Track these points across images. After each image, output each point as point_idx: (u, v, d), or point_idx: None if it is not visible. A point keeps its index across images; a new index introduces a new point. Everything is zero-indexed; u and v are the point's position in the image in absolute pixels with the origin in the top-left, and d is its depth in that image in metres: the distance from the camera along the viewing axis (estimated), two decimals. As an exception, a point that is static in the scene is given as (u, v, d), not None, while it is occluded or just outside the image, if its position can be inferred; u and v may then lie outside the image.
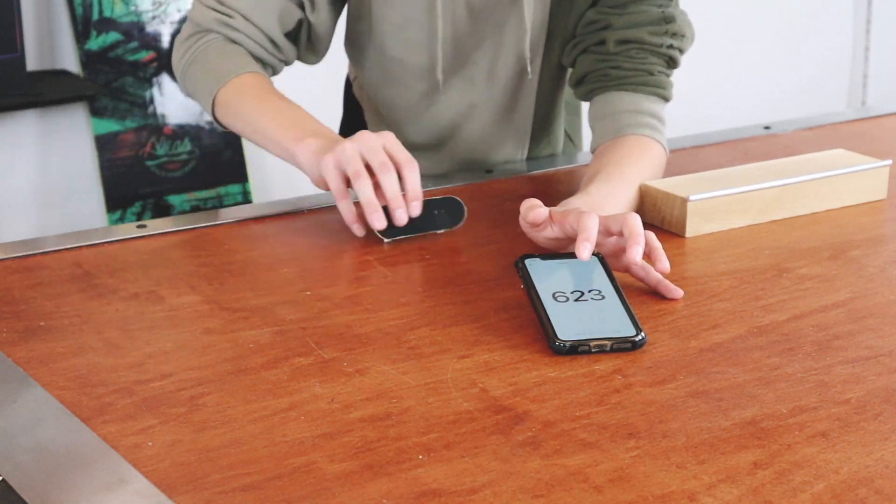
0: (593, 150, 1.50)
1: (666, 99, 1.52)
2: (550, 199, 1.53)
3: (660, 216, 1.41)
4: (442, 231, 1.34)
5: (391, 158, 1.32)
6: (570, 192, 1.54)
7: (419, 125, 1.63)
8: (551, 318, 1.12)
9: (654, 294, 1.23)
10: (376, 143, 1.32)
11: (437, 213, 1.35)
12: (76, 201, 2.89)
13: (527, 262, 1.20)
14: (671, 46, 1.52)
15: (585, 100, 1.56)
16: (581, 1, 1.51)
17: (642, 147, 1.46)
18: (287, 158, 1.41)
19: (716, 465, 0.92)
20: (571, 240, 1.24)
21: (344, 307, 1.20)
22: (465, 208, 1.36)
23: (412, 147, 1.59)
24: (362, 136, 1.33)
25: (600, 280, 1.18)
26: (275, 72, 1.57)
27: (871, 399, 1.02)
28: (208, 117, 2.87)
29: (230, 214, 1.47)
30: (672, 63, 1.53)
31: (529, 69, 1.53)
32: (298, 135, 1.38)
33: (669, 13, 1.52)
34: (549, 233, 1.25)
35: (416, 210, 1.32)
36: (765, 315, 1.19)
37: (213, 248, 1.36)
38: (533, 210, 1.25)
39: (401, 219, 1.31)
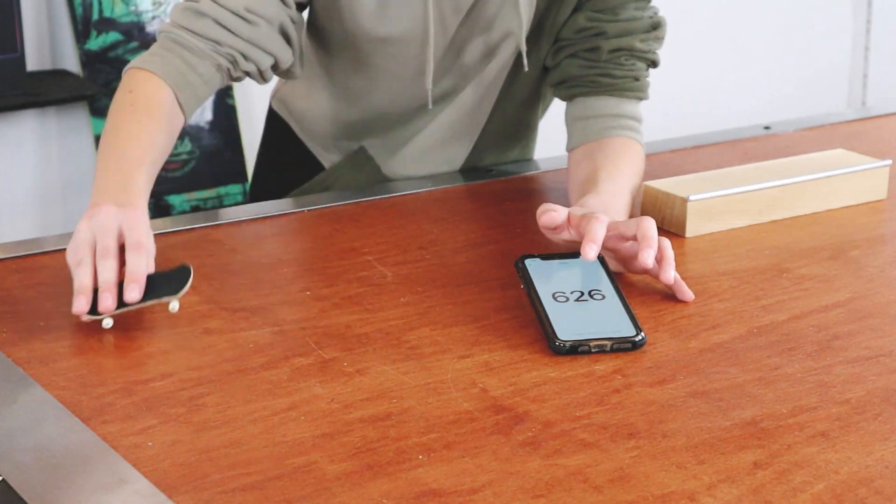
0: (570, 149, 1.52)
1: (644, 99, 1.55)
2: (551, 199, 1.53)
3: (660, 216, 1.41)
4: (164, 300, 1.16)
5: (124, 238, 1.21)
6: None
7: (395, 120, 1.62)
8: (551, 318, 1.12)
9: (655, 294, 1.23)
10: (110, 224, 1.21)
11: (159, 282, 1.19)
12: (76, 201, 2.90)
13: (527, 262, 1.20)
14: (654, 51, 1.55)
15: (565, 100, 1.57)
16: (566, 4, 1.51)
17: (626, 146, 1.48)
18: None
19: (716, 465, 0.92)
20: None
21: (344, 307, 1.20)
22: (192, 275, 1.18)
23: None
24: (99, 214, 1.21)
25: (600, 280, 1.18)
26: (234, 71, 1.43)
27: (871, 399, 1.02)
28: (208, 117, 2.86)
29: (230, 214, 1.47)
30: (654, 65, 1.55)
31: (526, 62, 1.52)
32: (97, 198, 1.25)
33: (657, 20, 1.53)
34: (566, 236, 1.26)
35: (134, 295, 1.16)
36: (765, 315, 1.19)
37: (213, 248, 1.36)
38: (546, 214, 1.25)
39: (104, 303, 1.16)
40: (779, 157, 1.61)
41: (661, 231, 1.40)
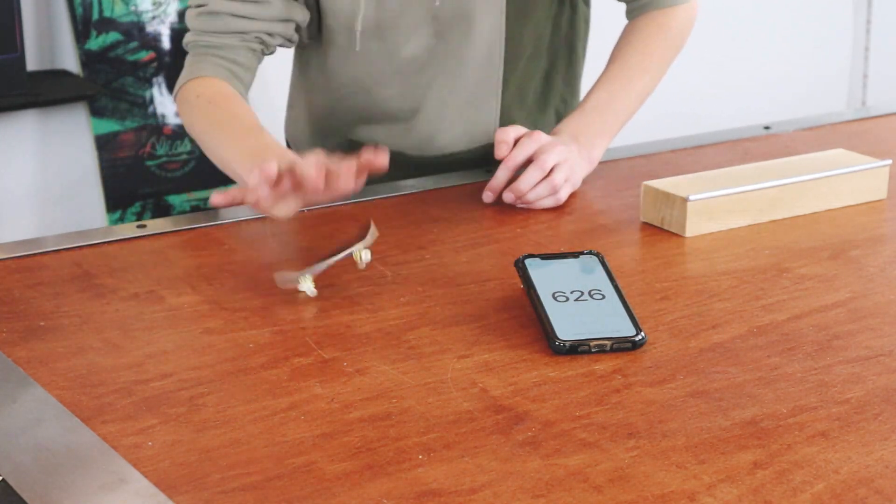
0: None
1: None
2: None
3: (660, 216, 1.41)
4: (354, 249, 1.25)
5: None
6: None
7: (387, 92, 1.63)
8: (551, 318, 1.12)
9: (655, 294, 1.23)
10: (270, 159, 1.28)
11: (348, 241, 1.28)
12: (76, 201, 2.89)
13: (527, 262, 1.20)
14: None
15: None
16: None
17: (657, 24, 1.63)
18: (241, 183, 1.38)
19: (716, 465, 0.92)
20: None
21: (344, 307, 1.20)
22: (373, 226, 1.27)
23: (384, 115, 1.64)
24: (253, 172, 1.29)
25: (600, 280, 1.18)
26: (268, 47, 1.54)
27: (871, 399, 1.02)
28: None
29: (230, 214, 1.47)
30: None
31: None
32: (250, 164, 1.33)
33: None
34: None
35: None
36: (765, 315, 1.19)
37: (213, 248, 1.36)
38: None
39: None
40: (779, 157, 1.61)
41: (662, 231, 1.41)
